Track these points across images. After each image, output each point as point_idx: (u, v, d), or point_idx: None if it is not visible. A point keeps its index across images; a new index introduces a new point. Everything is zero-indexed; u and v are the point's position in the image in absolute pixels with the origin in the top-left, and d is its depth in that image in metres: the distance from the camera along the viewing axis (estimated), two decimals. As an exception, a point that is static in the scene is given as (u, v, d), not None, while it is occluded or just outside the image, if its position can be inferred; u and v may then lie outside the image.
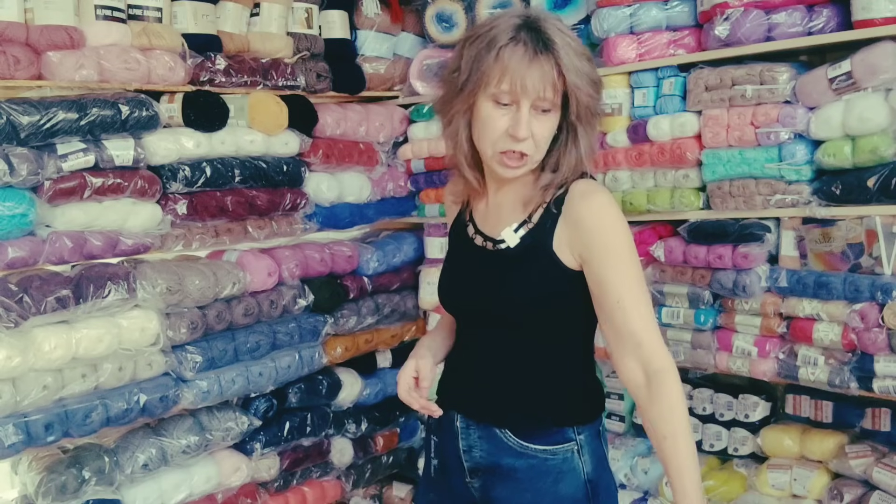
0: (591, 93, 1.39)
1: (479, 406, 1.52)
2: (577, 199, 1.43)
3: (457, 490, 1.57)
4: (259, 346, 2.42)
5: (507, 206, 1.50)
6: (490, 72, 1.36)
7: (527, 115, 1.36)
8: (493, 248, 1.49)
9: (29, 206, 1.96)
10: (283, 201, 2.53)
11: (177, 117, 2.28)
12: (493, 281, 1.47)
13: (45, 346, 1.97)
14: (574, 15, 2.58)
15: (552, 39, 1.35)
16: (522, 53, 1.34)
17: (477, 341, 1.55)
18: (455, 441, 1.55)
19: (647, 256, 2.45)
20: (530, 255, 1.45)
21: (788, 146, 2.15)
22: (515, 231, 1.47)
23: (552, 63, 1.35)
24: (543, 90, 1.35)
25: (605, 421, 2.88)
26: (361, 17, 2.84)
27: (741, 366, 2.31)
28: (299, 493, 2.66)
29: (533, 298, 1.44)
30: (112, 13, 2.14)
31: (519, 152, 1.39)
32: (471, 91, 1.39)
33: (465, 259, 1.56)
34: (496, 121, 1.38)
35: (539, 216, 1.46)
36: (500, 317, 1.48)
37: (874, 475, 2.11)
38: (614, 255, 1.40)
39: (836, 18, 2.08)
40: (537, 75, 1.34)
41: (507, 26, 1.37)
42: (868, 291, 2.04)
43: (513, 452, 1.49)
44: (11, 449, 1.95)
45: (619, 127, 2.46)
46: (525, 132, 1.36)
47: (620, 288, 1.40)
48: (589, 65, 1.39)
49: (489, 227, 1.53)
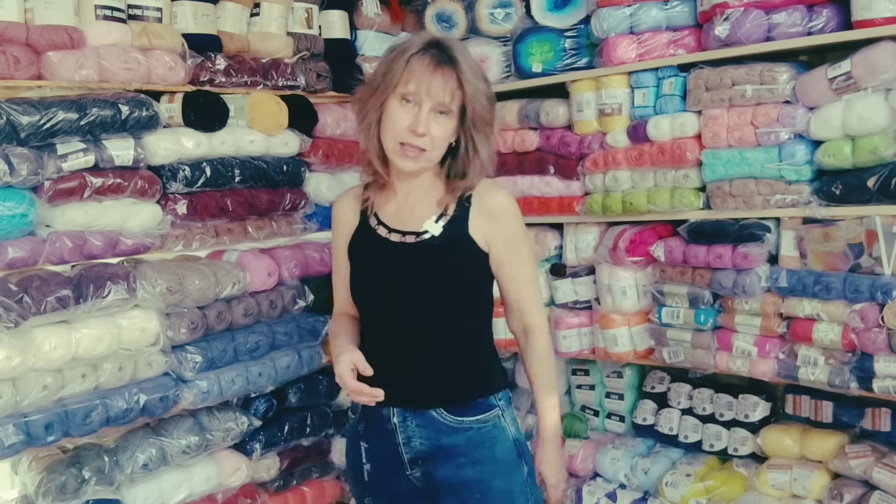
0: (485, 105, 1.65)
1: (415, 394, 1.66)
2: (487, 192, 1.70)
3: (397, 486, 1.70)
4: (259, 346, 2.42)
5: (420, 206, 1.70)
6: (400, 74, 1.59)
7: (426, 115, 1.59)
8: (417, 240, 1.67)
9: (29, 206, 1.96)
10: (283, 201, 2.53)
11: (177, 117, 2.28)
12: (424, 269, 1.66)
13: (45, 346, 1.96)
14: (574, 15, 2.58)
15: (455, 57, 1.60)
16: (428, 62, 1.59)
17: (402, 332, 1.67)
18: (391, 438, 1.68)
19: (647, 256, 2.45)
20: (453, 242, 1.66)
21: (788, 146, 2.15)
22: (436, 222, 1.67)
23: (454, 75, 1.59)
24: (443, 95, 1.59)
25: (605, 421, 2.88)
26: (361, 17, 2.84)
27: (741, 366, 2.31)
28: (299, 494, 2.65)
29: (463, 282, 1.67)
30: (112, 13, 2.14)
31: (417, 147, 1.61)
32: (383, 90, 1.62)
33: (383, 256, 1.70)
34: (400, 116, 1.61)
35: (453, 209, 1.68)
36: (432, 303, 1.65)
37: (874, 475, 2.11)
38: (517, 240, 1.71)
39: (836, 18, 2.08)
40: (439, 83, 1.59)
41: (420, 41, 1.63)
42: (868, 291, 2.04)
43: (450, 430, 1.65)
44: (11, 449, 1.95)
45: (619, 127, 2.46)
46: (423, 129, 1.59)
47: (519, 267, 1.71)
48: (484, 83, 1.66)
49: (403, 224, 1.70)
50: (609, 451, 2.65)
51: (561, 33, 2.60)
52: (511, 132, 2.69)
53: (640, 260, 2.46)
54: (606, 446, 2.68)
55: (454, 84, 1.60)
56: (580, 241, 2.64)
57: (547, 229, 2.74)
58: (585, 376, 2.91)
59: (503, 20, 2.71)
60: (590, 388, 2.91)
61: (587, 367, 2.90)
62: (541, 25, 2.62)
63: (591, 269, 2.64)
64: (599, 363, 2.87)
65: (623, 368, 2.81)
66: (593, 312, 2.66)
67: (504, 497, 1.66)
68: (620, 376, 2.83)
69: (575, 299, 2.67)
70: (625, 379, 2.82)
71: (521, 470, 1.69)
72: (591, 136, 2.53)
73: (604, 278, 2.55)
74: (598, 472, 2.68)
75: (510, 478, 1.67)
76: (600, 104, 2.48)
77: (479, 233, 1.67)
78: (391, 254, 1.68)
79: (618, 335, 2.56)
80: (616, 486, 2.60)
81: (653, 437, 2.71)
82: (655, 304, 2.47)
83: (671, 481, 2.45)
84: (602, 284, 2.56)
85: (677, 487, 2.43)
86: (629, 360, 2.63)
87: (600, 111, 2.49)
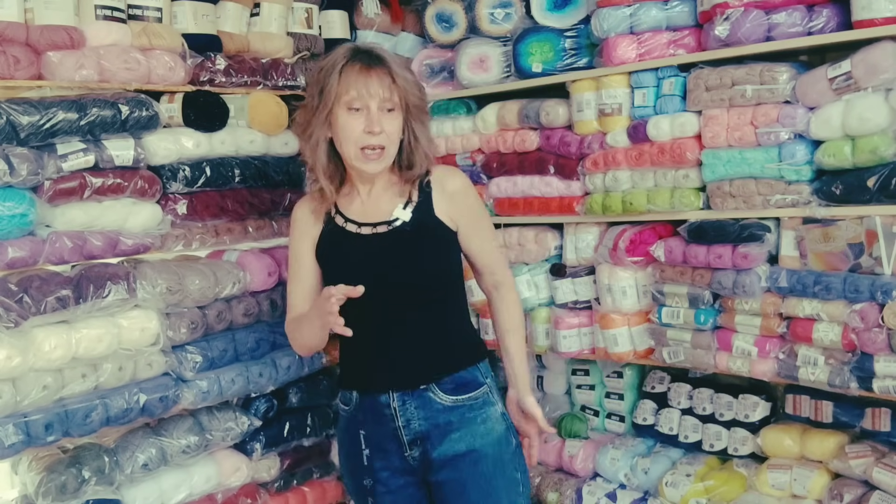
0: (418, 94, 1.77)
1: (411, 375, 1.78)
2: (445, 176, 1.85)
3: (396, 466, 1.82)
4: (259, 346, 2.42)
5: (384, 199, 1.82)
6: (338, 86, 1.70)
7: (377, 114, 1.71)
8: (389, 228, 1.78)
9: (29, 206, 1.96)
10: (283, 201, 2.53)
11: (177, 117, 2.28)
12: (402, 254, 1.77)
13: (45, 346, 1.97)
14: (574, 15, 2.58)
15: (381, 56, 1.74)
16: (360, 68, 1.71)
17: (388, 319, 1.77)
18: (390, 423, 1.80)
19: (647, 256, 2.45)
20: (423, 225, 1.79)
21: (788, 146, 2.15)
22: (404, 208, 1.80)
23: (386, 72, 1.72)
24: (383, 92, 1.71)
25: (605, 421, 2.88)
26: (361, 17, 2.84)
27: (741, 366, 2.31)
28: (300, 494, 2.65)
29: (440, 260, 1.80)
30: (112, 13, 2.14)
31: (378, 146, 1.72)
32: (324, 107, 1.72)
33: (358, 250, 1.80)
34: (353, 124, 1.72)
35: (416, 195, 1.82)
36: (414, 284, 1.76)
37: (874, 475, 2.11)
38: (479, 215, 1.89)
39: (836, 18, 2.08)
40: (376, 82, 1.71)
41: (343, 52, 1.74)
42: (868, 291, 2.04)
43: (446, 409, 1.79)
44: (11, 449, 1.95)
45: (619, 127, 2.46)
46: (378, 126, 1.70)
47: (484, 237, 1.89)
48: (412, 74, 1.80)
49: (372, 217, 1.81)
50: (609, 451, 2.65)
51: (561, 33, 2.60)
52: (511, 132, 2.69)
53: (640, 260, 2.46)
54: (606, 446, 2.68)
55: (388, 80, 1.72)
56: (580, 241, 2.64)
57: (547, 229, 2.73)
58: (585, 376, 2.91)
59: (503, 20, 2.71)
60: (590, 388, 2.91)
61: (587, 367, 2.90)
62: (541, 25, 2.62)
63: (591, 269, 2.64)
64: (599, 363, 2.87)
65: (623, 368, 2.81)
66: (593, 312, 2.65)
67: (495, 465, 1.81)
68: (620, 376, 2.83)
69: (575, 299, 2.67)
70: (625, 379, 2.82)
71: (510, 441, 1.86)
72: (591, 136, 2.53)
73: (604, 278, 2.55)
74: (598, 472, 2.68)
75: (500, 448, 1.83)
76: (600, 104, 2.48)
77: (445, 213, 1.81)
78: (366, 246, 1.79)
79: (618, 335, 2.56)
80: (616, 486, 2.60)
81: (653, 437, 2.71)
82: (655, 304, 2.47)
83: (671, 481, 2.45)
84: (602, 284, 2.56)
85: (677, 487, 2.43)
86: (629, 360, 2.62)
87: (600, 111, 2.49)
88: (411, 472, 1.83)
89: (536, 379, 3.03)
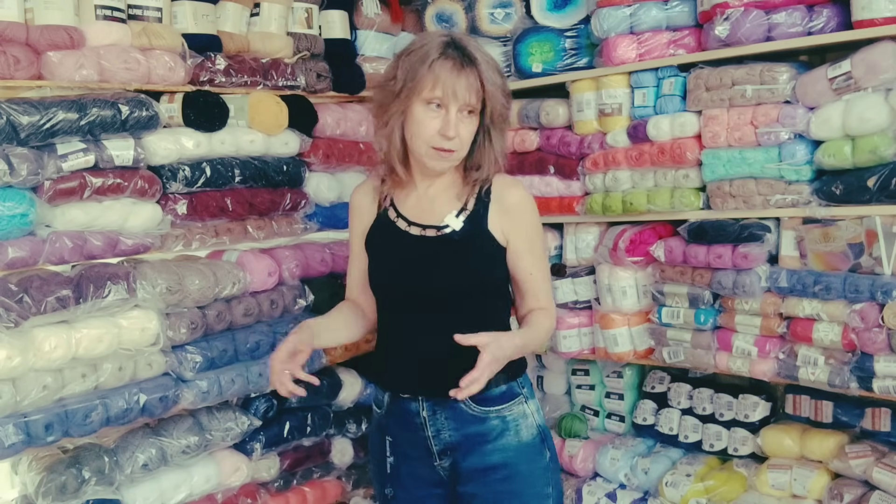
0: (503, 102, 1.69)
1: (443, 385, 1.65)
2: (506, 188, 1.74)
3: (421, 476, 1.76)
4: (259, 346, 2.42)
5: (440, 200, 1.75)
6: (424, 80, 1.61)
7: (455, 118, 1.63)
8: (438, 234, 1.71)
9: (29, 206, 1.96)
10: (283, 201, 2.53)
11: (177, 117, 2.28)
12: (445, 263, 1.69)
13: (45, 346, 1.96)
14: (574, 15, 2.58)
15: (474, 56, 1.63)
16: (451, 66, 1.61)
17: (426, 325, 1.71)
18: (420, 432, 1.73)
19: (647, 256, 2.45)
20: (473, 237, 1.71)
21: (788, 146, 2.15)
22: (457, 216, 1.72)
23: (476, 75, 1.62)
24: (469, 97, 1.62)
25: (605, 421, 2.88)
26: (361, 17, 2.84)
27: (741, 366, 2.31)
28: (300, 494, 2.65)
29: (484, 273, 1.72)
30: (112, 13, 2.14)
31: (449, 149, 1.65)
32: (406, 96, 1.64)
33: (403, 249, 1.74)
34: (429, 122, 1.63)
35: (472, 204, 1.73)
36: (457, 294, 1.69)
37: (874, 475, 2.11)
38: (533, 236, 1.76)
39: (836, 18, 2.08)
40: (464, 84, 1.61)
41: (437, 43, 1.64)
42: (868, 291, 2.04)
43: (477, 421, 1.71)
44: (11, 449, 1.94)
45: (619, 127, 2.46)
46: (454, 132, 1.62)
47: (534, 261, 1.75)
48: (502, 79, 1.69)
49: (424, 218, 1.74)
50: (609, 451, 2.65)
51: (561, 33, 2.60)
52: (511, 132, 2.69)
53: (640, 260, 2.47)
54: (606, 446, 2.68)
55: (477, 84, 1.63)
56: (580, 241, 2.64)
57: (547, 229, 2.73)
58: (585, 376, 2.91)
59: (503, 20, 2.71)
60: (590, 388, 2.91)
61: (587, 367, 2.90)
62: (541, 25, 2.62)
63: (591, 269, 2.64)
64: (599, 363, 2.87)
65: (623, 368, 2.81)
66: (593, 312, 2.66)
67: (527, 480, 1.73)
68: (620, 376, 2.83)
69: (575, 299, 2.67)
70: (625, 379, 2.83)
71: (543, 455, 1.76)
72: (591, 136, 2.53)
73: (604, 278, 2.55)
74: (598, 472, 2.68)
75: (533, 462, 1.74)
76: (600, 104, 2.48)
77: (498, 228, 1.72)
78: (411, 246, 1.73)
79: (618, 335, 2.56)
80: (616, 486, 2.60)
81: (653, 437, 2.71)
82: (655, 304, 2.47)
83: (671, 481, 2.45)
84: (602, 284, 2.56)
85: (677, 487, 2.43)
86: (629, 360, 2.63)
87: (600, 111, 2.49)
88: (438, 484, 1.77)
89: (536, 379, 3.03)
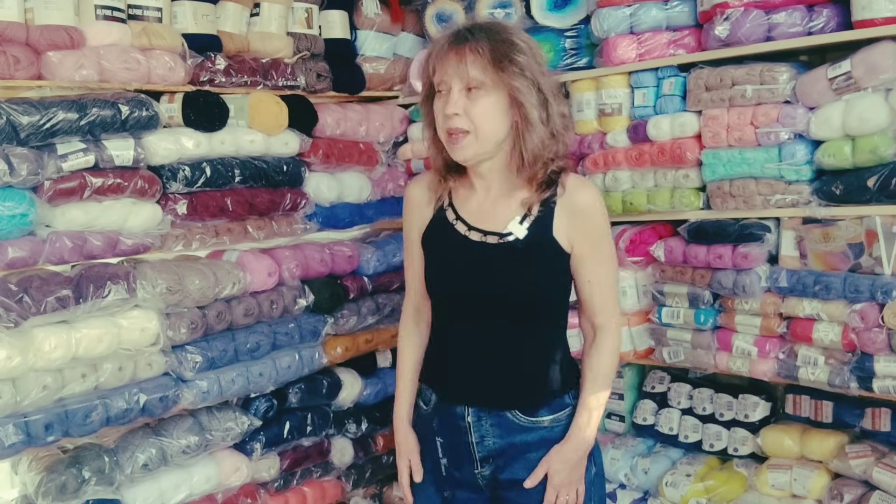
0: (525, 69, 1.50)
1: (492, 394, 1.64)
2: (575, 189, 1.62)
3: (467, 480, 1.70)
4: (259, 346, 2.42)
5: (502, 204, 1.64)
6: (429, 73, 1.57)
7: (456, 95, 1.52)
8: (500, 241, 1.61)
9: (29, 206, 1.96)
10: (283, 201, 2.53)
11: (177, 117, 2.28)
12: (506, 271, 1.61)
13: (45, 346, 1.96)
14: (574, 15, 2.58)
15: (472, 30, 1.53)
16: (441, 47, 1.55)
17: (479, 332, 1.65)
18: (464, 436, 1.67)
19: (647, 256, 2.45)
20: (537, 245, 1.60)
21: (788, 146, 2.15)
22: (521, 223, 1.61)
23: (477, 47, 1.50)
24: (465, 71, 1.50)
25: (605, 421, 2.88)
26: (361, 17, 2.84)
27: (741, 366, 2.31)
28: (299, 494, 2.65)
29: (546, 283, 1.63)
30: (112, 13, 2.14)
31: (459, 129, 1.53)
32: (425, 95, 1.61)
33: (462, 254, 1.65)
34: (437, 109, 1.57)
35: (537, 208, 1.62)
36: (515, 304, 1.61)
37: (874, 475, 2.11)
38: (601, 240, 1.65)
39: (836, 18, 2.08)
40: (454, 59, 1.51)
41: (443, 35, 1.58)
42: (868, 291, 2.04)
43: (523, 430, 1.65)
44: (11, 449, 1.95)
45: (619, 127, 2.46)
46: (452, 108, 1.52)
47: (599, 268, 1.66)
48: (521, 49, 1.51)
49: (484, 223, 1.65)
50: (609, 450, 2.65)
51: (561, 33, 2.60)
52: (511, 132, 2.69)
53: (640, 260, 2.46)
54: (606, 446, 2.68)
55: (476, 56, 1.50)
56: (580, 241, 2.64)
57: (547, 229, 2.73)
58: (585, 376, 2.91)
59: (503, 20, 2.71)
60: (590, 388, 2.90)
61: (587, 367, 2.89)
62: (541, 25, 2.62)
63: (591, 269, 2.64)
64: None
65: (623, 368, 2.81)
66: (593, 312, 2.65)
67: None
68: (620, 376, 2.83)
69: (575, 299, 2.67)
70: (625, 379, 2.82)
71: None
72: (591, 136, 2.53)
73: (604, 278, 2.55)
74: (598, 472, 2.68)
75: None
76: (600, 104, 2.48)
77: (563, 233, 1.61)
78: (471, 253, 1.64)
79: (618, 335, 2.56)
80: (616, 486, 2.60)
81: (653, 437, 2.70)
82: (655, 304, 2.47)
83: (671, 481, 2.45)
84: (602, 284, 2.56)
85: (677, 487, 2.43)
86: (629, 360, 2.63)
87: (600, 111, 2.49)
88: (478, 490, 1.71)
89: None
